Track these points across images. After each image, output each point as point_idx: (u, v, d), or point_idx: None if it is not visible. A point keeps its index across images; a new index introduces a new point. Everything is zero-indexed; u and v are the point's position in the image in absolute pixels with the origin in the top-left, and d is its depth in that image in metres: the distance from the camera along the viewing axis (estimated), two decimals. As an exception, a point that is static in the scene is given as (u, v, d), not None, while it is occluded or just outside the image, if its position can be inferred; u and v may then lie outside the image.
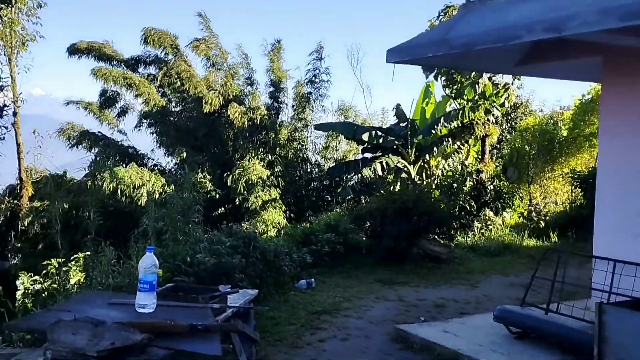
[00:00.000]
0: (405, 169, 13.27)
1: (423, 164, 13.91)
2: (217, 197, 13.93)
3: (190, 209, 8.59)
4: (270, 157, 15.29)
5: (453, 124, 13.24)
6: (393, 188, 12.90)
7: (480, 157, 14.81)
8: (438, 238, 11.02)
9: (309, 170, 16.62)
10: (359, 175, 13.09)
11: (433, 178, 14.04)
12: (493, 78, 13.47)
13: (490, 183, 14.28)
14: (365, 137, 13.57)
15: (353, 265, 9.82)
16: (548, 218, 14.25)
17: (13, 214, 13.83)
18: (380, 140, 13.64)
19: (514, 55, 6.52)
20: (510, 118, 18.77)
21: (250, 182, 13.93)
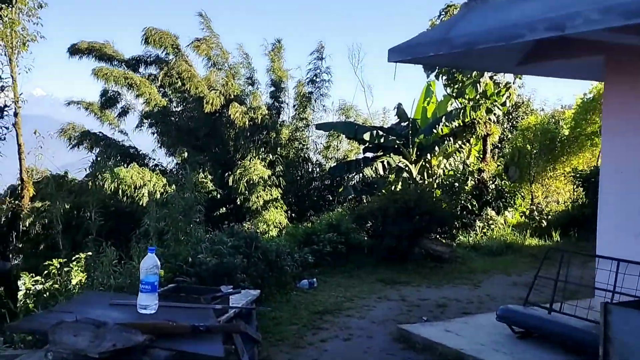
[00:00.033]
0: (407, 169, 13.24)
1: (424, 164, 13.89)
2: (218, 197, 13.91)
3: (192, 209, 8.60)
4: (272, 156, 15.27)
5: (454, 123, 13.21)
6: (394, 187, 12.90)
7: (482, 156, 14.79)
8: (440, 237, 10.99)
9: (310, 170, 16.60)
10: (361, 175, 13.05)
11: (434, 177, 14.01)
12: (494, 77, 13.46)
13: (492, 182, 14.27)
14: (367, 136, 13.55)
15: (355, 265, 9.82)
16: (550, 217, 14.23)
17: (14, 215, 13.82)
18: (382, 140, 13.61)
19: (516, 54, 6.50)
20: (512, 117, 18.73)
21: (252, 181, 13.91)
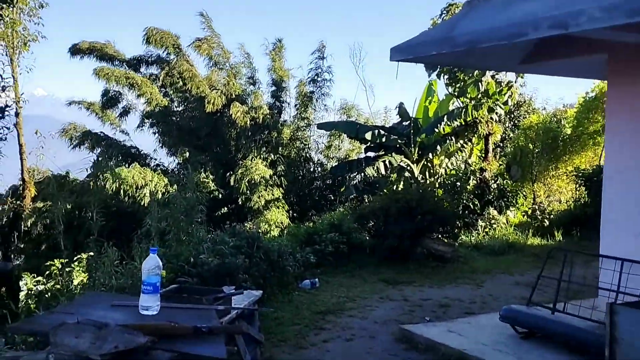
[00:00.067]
0: (409, 168, 13.22)
1: (426, 163, 13.86)
2: (219, 196, 13.90)
3: (193, 209, 8.60)
4: (273, 156, 15.25)
5: (456, 123, 13.19)
6: (396, 187, 12.87)
7: (484, 155, 14.75)
8: (442, 237, 10.97)
9: (312, 170, 16.59)
10: (362, 175, 13.03)
11: (436, 177, 13.99)
12: (496, 76, 13.43)
13: (494, 182, 14.23)
14: (368, 136, 13.53)
15: (357, 265, 9.80)
16: (552, 216, 14.18)
17: (16, 215, 13.81)
18: (383, 139, 13.59)
19: (519, 53, 6.48)
20: (514, 116, 18.70)
21: (253, 181, 13.91)
